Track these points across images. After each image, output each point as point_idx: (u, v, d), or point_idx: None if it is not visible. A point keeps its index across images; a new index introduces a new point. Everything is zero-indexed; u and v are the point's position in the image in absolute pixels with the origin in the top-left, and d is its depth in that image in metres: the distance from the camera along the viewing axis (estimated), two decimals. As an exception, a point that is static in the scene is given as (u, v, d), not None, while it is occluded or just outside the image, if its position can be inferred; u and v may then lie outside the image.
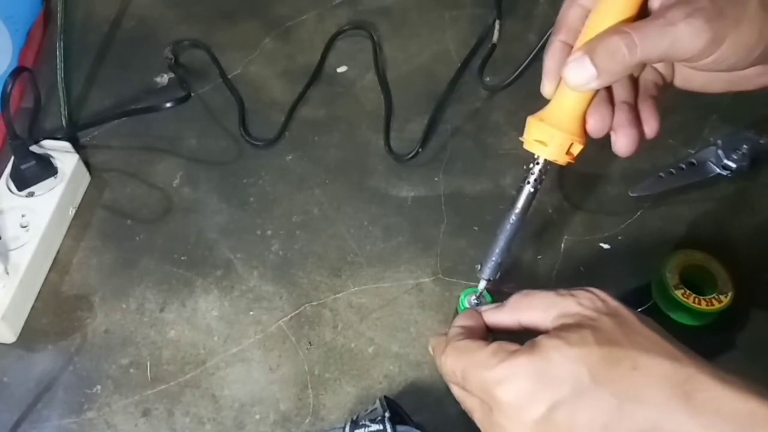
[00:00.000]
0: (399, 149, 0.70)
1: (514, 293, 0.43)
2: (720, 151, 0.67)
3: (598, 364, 0.36)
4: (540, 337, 0.38)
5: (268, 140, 0.70)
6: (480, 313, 0.44)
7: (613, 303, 0.40)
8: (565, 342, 0.37)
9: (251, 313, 0.61)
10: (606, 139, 0.42)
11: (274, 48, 0.78)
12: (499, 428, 0.38)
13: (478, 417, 0.40)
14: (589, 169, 0.68)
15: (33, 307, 0.60)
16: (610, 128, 0.42)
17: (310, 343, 0.59)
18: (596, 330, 0.38)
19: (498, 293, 0.51)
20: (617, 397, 0.36)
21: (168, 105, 0.66)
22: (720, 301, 0.56)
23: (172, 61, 0.74)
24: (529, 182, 0.44)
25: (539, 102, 0.40)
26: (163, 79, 0.75)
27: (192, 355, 0.58)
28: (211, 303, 0.61)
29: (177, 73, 0.74)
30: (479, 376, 0.39)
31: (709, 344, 0.57)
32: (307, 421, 0.55)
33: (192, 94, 0.69)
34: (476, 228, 0.65)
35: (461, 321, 0.44)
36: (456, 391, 0.42)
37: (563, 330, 0.38)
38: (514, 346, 0.39)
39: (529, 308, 0.42)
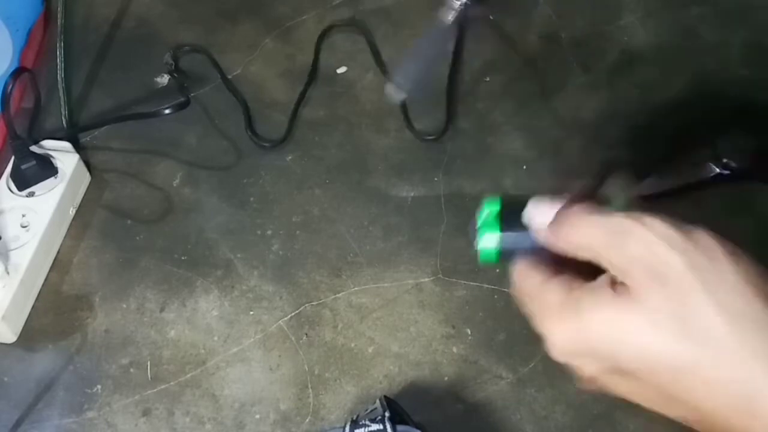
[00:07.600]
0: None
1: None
2: (720, 151, 0.67)
3: None
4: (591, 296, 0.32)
5: (274, 141, 0.70)
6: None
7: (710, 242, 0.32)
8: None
9: (251, 312, 0.61)
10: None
11: (274, 48, 0.79)
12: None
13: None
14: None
15: (33, 307, 0.61)
16: None
17: (306, 335, 0.59)
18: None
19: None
20: None
21: (167, 111, 0.66)
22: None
23: (173, 66, 0.74)
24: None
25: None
26: (164, 78, 0.75)
27: (192, 354, 0.58)
28: (212, 303, 0.61)
29: (177, 79, 0.74)
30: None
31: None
32: (307, 420, 0.55)
33: (192, 95, 0.69)
34: (476, 228, 0.65)
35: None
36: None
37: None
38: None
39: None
